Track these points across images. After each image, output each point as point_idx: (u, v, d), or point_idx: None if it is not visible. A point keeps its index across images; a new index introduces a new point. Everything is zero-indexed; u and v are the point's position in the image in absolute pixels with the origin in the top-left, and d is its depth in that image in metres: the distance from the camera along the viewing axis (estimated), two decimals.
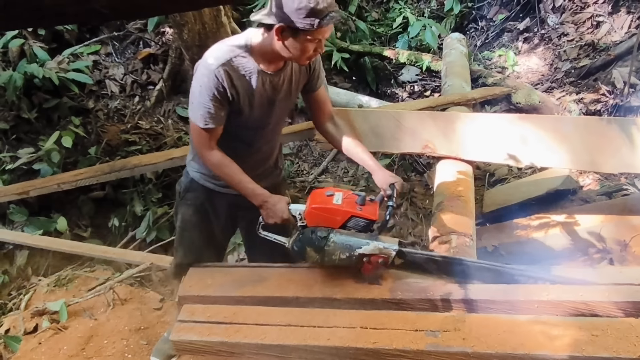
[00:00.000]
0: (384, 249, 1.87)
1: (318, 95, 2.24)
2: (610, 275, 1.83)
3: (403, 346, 1.66)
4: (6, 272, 3.62)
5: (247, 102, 2.00)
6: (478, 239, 2.82)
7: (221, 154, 2.07)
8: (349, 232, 1.92)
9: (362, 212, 1.91)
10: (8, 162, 3.96)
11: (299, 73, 2.12)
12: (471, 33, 6.58)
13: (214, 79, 1.90)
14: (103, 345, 2.95)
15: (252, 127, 2.12)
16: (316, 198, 1.99)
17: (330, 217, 1.92)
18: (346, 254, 1.88)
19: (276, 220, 2.05)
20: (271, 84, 2.03)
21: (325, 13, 1.78)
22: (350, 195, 1.98)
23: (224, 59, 1.92)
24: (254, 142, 2.18)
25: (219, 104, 1.94)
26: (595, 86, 4.81)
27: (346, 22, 6.21)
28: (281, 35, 1.84)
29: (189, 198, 2.34)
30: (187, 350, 1.88)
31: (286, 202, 2.07)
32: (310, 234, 1.93)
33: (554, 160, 2.98)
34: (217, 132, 2.03)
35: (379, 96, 5.63)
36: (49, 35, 4.52)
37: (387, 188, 2.03)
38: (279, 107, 2.12)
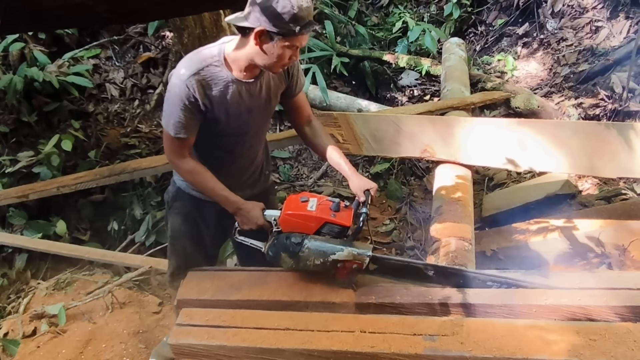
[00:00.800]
0: (357, 255, 1.88)
1: (298, 101, 2.25)
2: (608, 280, 1.83)
3: (401, 350, 1.66)
4: (5, 276, 3.62)
5: (222, 111, 2.00)
6: (477, 243, 2.82)
7: (194, 161, 2.08)
8: (323, 238, 1.94)
9: (336, 219, 1.93)
10: (8, 165, 3.96)
11: (277, 80, 2.12)
12: (470, 38, 6.59)
13: (185, 89, 1.90)
14: (101, 348, 2.94)
15: (231, 134, 2.12)
16: (291, 204, 2.00)
17: (305, 223, 1.95)
18: (320, 259, 1.90)
19: (251, 227, 2.08)
20: (248, 92, 2.03)
21: (306, 20, 1.79)
22: (325, 201, 1.99)
23: (195, 69, 1.91)
24: (235, 149, 2.19)
25: (190, 114, 1.95)
26: (594, 91, 4.82)
27: (346, 26, 6.23)
28: (259, 40, 1.83)
29: (177, 207, 2.35)
30: (186, 354, 1.87)
31: (260, 209, 2.09)
32: (285, 239, 1.95)
33: (552, 165, 2.99)
34: (190, 141, 2.04)
35: (379, 100, 5.63)
36: (49, 39, 4.53)
37: (361, 194, 2.04)
38: (257, 115, 2.12)
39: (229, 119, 2.03)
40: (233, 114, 2.03)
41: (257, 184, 2.37)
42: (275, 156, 5.02)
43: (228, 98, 1.98)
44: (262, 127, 2.26)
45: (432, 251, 2.49)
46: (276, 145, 4.32)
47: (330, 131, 3.33)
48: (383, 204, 4.55)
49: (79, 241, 3.85)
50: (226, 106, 2.00)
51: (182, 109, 1.92)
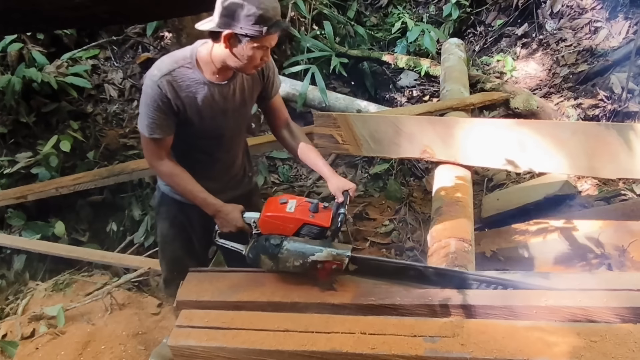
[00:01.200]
0: (337, 256, 1.89)
1: (274, 103, 2.27)
2: (608, 281, 1.82)
3: (402, 352, 1.65)
4: (3, 277, 3.61)
5: (195, 113, 2.01)
6: (476, 244, 2.82)
7: (172, 164, 2.09)
8: (303, 240, 1.95)
9: (314, 220, 1.95)
10: (6, 166, 3.96)
11: (252, 82, 2.14)
12: (469, 38, 6.59)
13: (157, 90, 1.93)
14: (101, 350, 2.94)
15: (207, 137, 2.13)
16: (270, 206, 2.01)
17: (283, 225, 1.96)
18: (299, 261, 1.90)
19: (230, 229, 2.10)
20: (221, 95, 2.04)
21: (273, 21, 1.80)
22: (304, 203, 2.00)
23: (167, 70, 1.94)
24: (213, 151, 2.20)
25: (163, 115, 1.96)
26: (594, 91, 4.82)
27: (345, 26, 6.23)
28: (229, 43, 1.85)
29: (163, 212, 2.37)
30: (186, 356, 1.87)
31: (240, 211, 2.10)
32: (264, 241, 1.96)
33: (552, 166, 2.98)
34: (166, 142, 2.05)
35: (378, 101, 5.63)
36: (47, 40, 4.52)
37: (339, 195, 2.05)
38: (233, 117, 2.13)
39: (203, 121, 2.05)
40: (207, 116, 2.04)
41: (240, 186, 2.39)
42: (274, 157, 5.01)
43: (200, 100, 2.00)
44: (239, 130, 2.26)
45: (432, 252, 2.48)
46: (275, 146, 4.32)
47: (330, 132, 3.32)
48: (382, 205, 4.55)
49: (77, 242, 3.85)
50: (199, 108, 2.01)
51: (155, 109, 1.95)
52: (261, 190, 4.55)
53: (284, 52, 5.74)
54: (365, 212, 4.46)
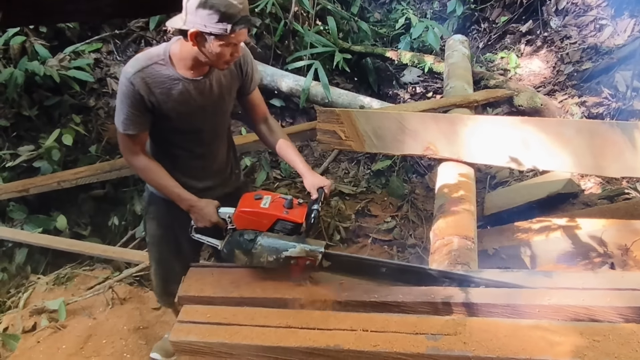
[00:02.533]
0: (310, 252, 1.89)
1: (252, 98, 2.27)
2: (612, 280, 1.81)
3: (404, 349, 1.64)
4: (5, 270, 3.61)
5: (170, 109, 2.01)
6: (479, 241, 2.81)
7: (147, 159, 2.09)
8: (276, 235, 1.95)
9: (288, 216, 1.95)
10: (8, 159, 3.95)
11: (230, 77, 2.13)
12: (473, 35, 6.58)
13: (130, 86, 1.93)
14: (102, 344, 2.94)
15: (186, 133, 2.13)
16: (244, 202, 2.02)
17: (257, 220, 1.97)
18: (273, 256, 1.91)
19: (205, 224, 2.10)
20: (197, 90, 2.03)
21: (237, 18, 1.79)
22: (279, 198, 2.01)
23: (140, 67, 1.94)
24: (193, 148, 2.19)
25: (136, 111, 1.97)
26: (598, 89, 4.80)
27: (348, 22, 6.21)
28: (196, 41, 1.85)
29: (151, 212, 2.37)
30: (187, 351, 1.86)
31: (215, 206, 2.10)
32: (239, 236, 1.96)
33: (556, 164, 2.97)
34: (140, 138, 2.06)
35: (381, 97, 5.61)
36: (50, 33, 4.51)
37: (314, 192, 2.06)
38: (211, 113, 2.12)
39: (180, 117, 2.04)
40: (183, 112, 2.04)
41: (228, 183, 2.39)
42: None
43: (175, 96, 2.00)
44: (219, 126, 2.24)
45: (434, 250, 2.47)
46: None
47: (333, 128, 3.31)
48: (384, 202, 4.54)
49: (79, 236, 3.85)
50: (174, 104, 2.01)
51: (128, 105, 1.96)
52: (263, 186, 4.55)
53: (287, 47, 5.72)
54: (368, 208, 4.45)
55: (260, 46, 5.57)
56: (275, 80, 5.24)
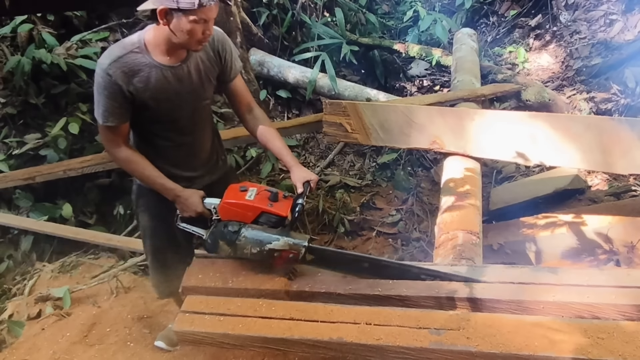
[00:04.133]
0: (293, 245, 1.90)
1: (234, 86, 2.24)
2: (617, 278, 1.80)
3: (407, 343, 1.65)
4: (11, 257, 3.63)
5: (149, 97, 1.99)
6: (484, 236, 2.80)
7: (129, 150, 2.09)
8: (261, 228, 1.96)
9: (273, 208, 1.96)
10: (15, 147, 3.96)
11: (209, 63, 2.11)
12: (482, 28, 6.53)
13: (107, 77, 1.91)
14: (106, 332, 2.96)
15: (165, 120, 2.11)
16: (230, 193, 2.03)
17: (242, 212, 1.97)
18: (257, 248, 1.92)
19: (190, 214, 2.10)
20: (175, 77, 2.02)
21: None
22: (264, 191, 2.01)
23: (116, 57, 1.92)
24: (175, 137, 2.17)
25: (114, 101, 1.95)
26: (607, 85, 4.76)
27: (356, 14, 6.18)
28: (166, 19, 1.83)
29: (142, 204, 2.36)
30: (190, 341, 1.88)
31: (200, 196, 2.11)
32: (223, 227, 1.97)
33: (563, 160, 2.95)
34: (122, 130, 2.04)
35: (387, 90, 5.59)
36: (57, 21, 4.49)
37: (300, 185, 2.05)
38: (190, 99, 2.11)
39: (159, 105, 2.03)
40: (162, 99, 2.02)
41: (215, 170, 2.39)
42: None
43: (153, 83, 1.98)
44: (200, 113, 2.21)
45: (439, 244, 2.47)
46: (284, 133, 4.28)
47: (339, 120, 3.30)
48: (390, 195, 4.53)
49: (84, 225, 3.86)
50: (152, 92, 1.99)
51: (106, 96, 1.94)
52: (268, 178, 4.55)
53: (294, 38, 5.70)
54: (373, 201, 4.45)
55: (268, 37, 5.56)
56: (282, 71, 5.22)
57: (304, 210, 2.00)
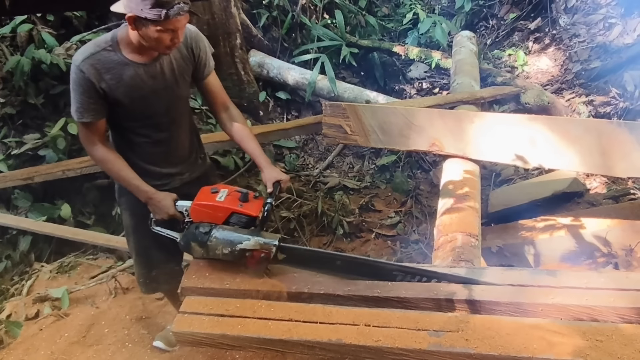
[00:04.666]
0: (264, 244, 1.91)
1: (208, 84, 2.25)
2: (616, 280, 1.80)
3: (405, 345, 1.64)
4: (9, 257, 3.62)
5: (122, 94, 2.01)
6: (482, 239, 2.80)
7: (105, 149, 2.10)
8: (232, 228, 1.97)
9: (243, 209, 1.98)
10: (14, 147, 3.95)
11: (182, 61, 2.13)
12: (481, 31, 6.54)
13: (80, 74, 1.94)
14: (104, 333, 2.95)
15: (140, 117, 2.12)
16: (201, 195, 2.04)
17: (213, 213, 1.99)
18: (228, 248, 1.93)
19: (162, 216, 2.12)
20: (148, 74, 2.04)
21: (172, 4, 1.78)
22: (235, 192, 2.03)
23: (89, 54, 1.95)
24: (151, 134, 2.18)
25: (88, 98, 1.97)
26: (606, 89, 4.77)
27: (356, 16, 6.19)
28: (134, 25, 1.85)
29: (123, 203, 2.38)
30: (189, 342, 1.86)
31: (172, 199, 2.12)
32: (195, 229, 1.98)
33: (562, 162, 2.95)
34: (98, 127, 2.06)
35: (387, 92, 5.60)
36: (57, 21, 4.49)
37: (270, 185, 2.08)
38: (165, 97, 2.12)
39: (133, 102, 2.05)
40: (136, 97, 2.04)
41: (194, 169, 2.40)
42: (281, 145, 5.00)
43: (126, 80, 2.00)
44: (176, 110, 2.22)
45: (438, 246, 2.47)
46: (283, 135, 4.31)
47: (338, 122, 3.30)
48: (389, 197, 4.54)
49: (83, 225, 3.85)
50: (126, 89, 2.01)
51: (80, 93, 1.96)
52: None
53: (294, 40, 5.70)
54: (371, 203, 4.45)
55: (268, 39, 5.56)
56: (281, 73, 5.23)
57: (273, 209, 2.02)
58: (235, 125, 2.28)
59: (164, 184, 2.24)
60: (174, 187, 2.26)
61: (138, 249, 2.45)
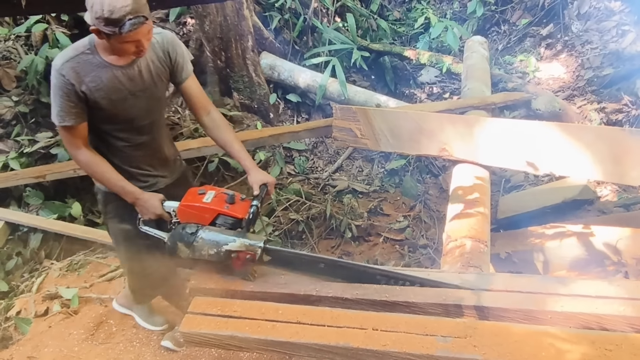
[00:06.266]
0: (249, 246, 1.93)
1: (187, 88, 2.27)
2: (626, 290, 1.79)
3: (413, 350, 1.64)
4: (20, 255, 3.65)
5: (102, 96, 2.02)
6: (491, 245, 2.79)
7: (89, 153, 2.11)
8: (218, 229, 2.00)
9: (229, 211, 2.01)
10: (26, 145, 3.99)
11: (159, 63, 2.15)
12: (493, 36, 6.52)
13: (61, 78, 1.95)
14: (112, 332, 2.97)
15: (121, 120, 2.13)
16: (188, 196, 2.08)
17: (200, 215, 2.02)
18: (214, 249, 1.95)
19: (149, 217, 2.15)
20: (126, 76, 2.05)
21: (123, 21, 1.80)
22: (222, 194, 2.06)
23: (68, 57, 1.96)
24: (131, 137, 2.19)
25: (69, 101, 1.98)
26: (618, 96, 4.74)
27: (367, 20, 6.19)
28: (99, 35, 1.87)
29: (110, 211, 2.37)
30: (197, 342, 1.87)
31: (159, 199, 2.14)
32: (181, 230, 2.01)
33: (573, 170, 2.94)
34: (80, 130, 2.06)
35: (397, 96, 5.61)
36: (71, 21, 4.54)
37: (256, 188, 2.11)
38: (144, 99, 2.14)
39: (112, 104, 2.06)
40: (116, 99, 2.06)
41: (174, 171, 2.42)
42: (291, 148, 5.01)
43: (105, 83, 2.02)
44: (154, 112, 2.24)
45: (447, 251, 2.46)
46: (293, 137, 4.32)
47: (349, 125, 3.31)
48: (397, 201, 4.53)
49: (93, 224, 3.88)
50: (105, 91, 2.02)
51: (61, 96, 1.97)
52: (277, 181, 4.55)
53: (305, 43, 5.72)
54: (380, 207, 4.45)
55: (279, 41, 5.58)
56: (292, 75, 5.24)
57: (258, 211, 2.04)
58: (218, 130, 2.29)
59: (149, 186, 2.25)
60: (159, 189, 2.28)
61: (131, 256, 2.45)
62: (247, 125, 4.91)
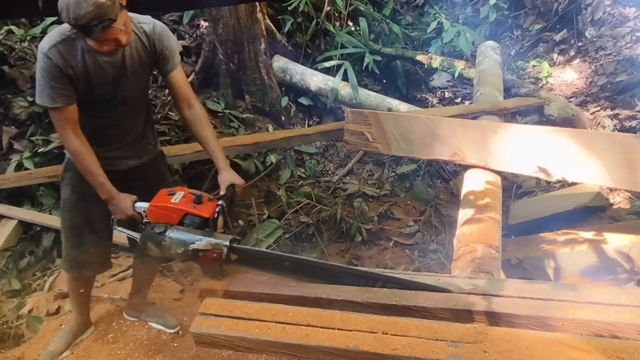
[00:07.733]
0: (216, 245, 1.97)
1: (172, 79, 2.30)
2: (639, 297, 1.77)
3: (423, 355, 1.63)
4: (32, 253, 3.69)
5: (85, 79, 2.09)
6: (502, 251, 2.78)
7: (80, 142, 2.17)
8: (185, 229, 2.04)
9: (196, 210, 2.06)
10: (40, 145, 4.03)
11: (143, 52, 2.20)
12: (506, 42, 6.50)
13: (48, 61, 2.01)
14: (123, 331, 2.98)
15: (100, 102, 2.20)
16: (158, 197, 2.13)
17: (168, 215, 2.07)
18: (182, 248, 2.00)
19: (121, 217, 2.21)
20: (109, 63, 2.11)
21: (90, 25, 1.85)
22: (189, 194, 2.11)
23: (55, 41, 2.02)
24: (107, 117, 2.26)
25: (58, 83, 2.04)
26: (632, 102, 4.72)
27: (380, 24, 6.20)
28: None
29: (67, 178, 2.44)
30: (207, 343, 1.88)
31: (131, 200, 2.20)
32: (151, 229, 2.07)
33: (587, 176, 2.92)
34: (70, 113, 2.12)
35: (409, 100, 5.60)
36: None
37: (224, 188, 2.16)
38: (125, 84, 2.19)
39: (93, 87, 2.13)
40: (97, 83, 2.12)
41: (143, 154, 2.47)
42: (302, 150, 5.02)
43: (89, 66, 2.08)
44: (133, 98, 2.29)
45: (458, 256, 2.45)
46: (304, 140, 4.33)
47: (360, 129, 3.31)
48: (408, 205, 4.52)
49: None
50: (89, 74, 2.09)
51: (50, 79, 2.03)
52: (287, 184, 4.56)
53: (318, 46, 5.73)
54: (391, 211, 4.44)
55: (292, 44, 5.60)
56: (304, 78, 5.26)
57: (224, 212, 2.08)
58: (198, 124, 2.33)
59: (109, 164, 2.29)
60: (120, 170, 2.35)
61: (72, 226, 2.49)
62: (259, 128, 4.92)
